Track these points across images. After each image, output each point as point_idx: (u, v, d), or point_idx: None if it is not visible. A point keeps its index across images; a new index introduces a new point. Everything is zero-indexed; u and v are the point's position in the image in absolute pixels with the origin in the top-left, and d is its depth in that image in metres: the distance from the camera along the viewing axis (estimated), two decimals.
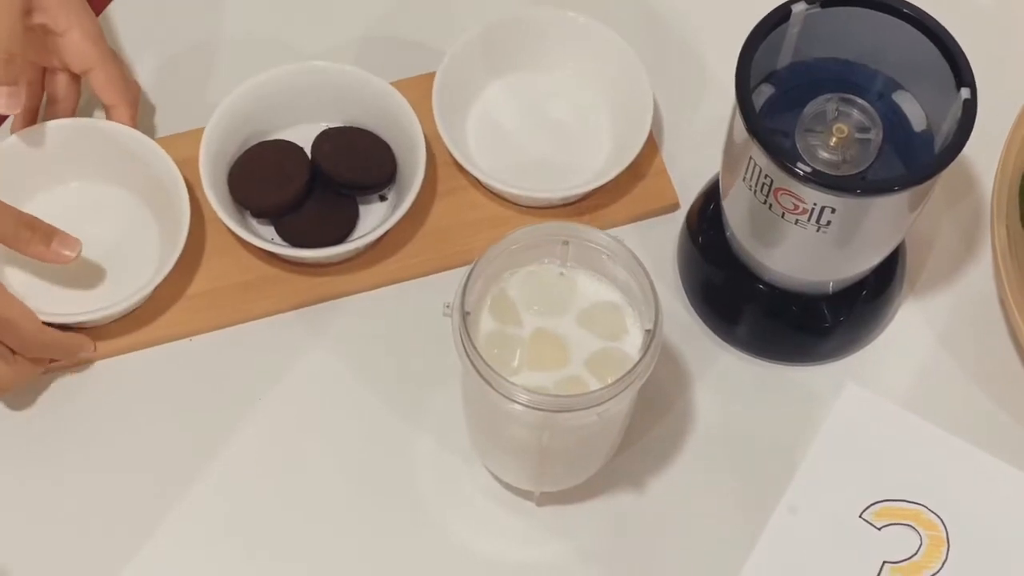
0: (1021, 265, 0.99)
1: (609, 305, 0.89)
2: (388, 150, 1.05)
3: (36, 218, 0.96)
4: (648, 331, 0.86)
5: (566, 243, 0.88)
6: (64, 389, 1.00)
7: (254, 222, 1.04)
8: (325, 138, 1.05)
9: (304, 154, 1.04)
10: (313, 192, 0.96)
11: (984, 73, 0.91)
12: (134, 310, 1.01)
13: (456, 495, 0.98)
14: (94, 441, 0.99)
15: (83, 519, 0.97)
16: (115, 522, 0.97)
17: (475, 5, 1.12)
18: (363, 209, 1.04)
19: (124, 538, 0.96)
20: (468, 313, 0.85)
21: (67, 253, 0.96)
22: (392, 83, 1.07)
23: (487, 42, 1.06)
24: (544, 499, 0.97)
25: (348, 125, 1.06)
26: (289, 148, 1.04)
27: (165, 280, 0.99)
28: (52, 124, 1.01)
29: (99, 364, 1.01)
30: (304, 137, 1.05)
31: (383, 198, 1.05)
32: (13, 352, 0.95)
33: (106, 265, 1.02)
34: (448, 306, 0.85)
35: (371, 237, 1.00)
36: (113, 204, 1.04)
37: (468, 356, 0.84)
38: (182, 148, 1.04)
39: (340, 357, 1.02)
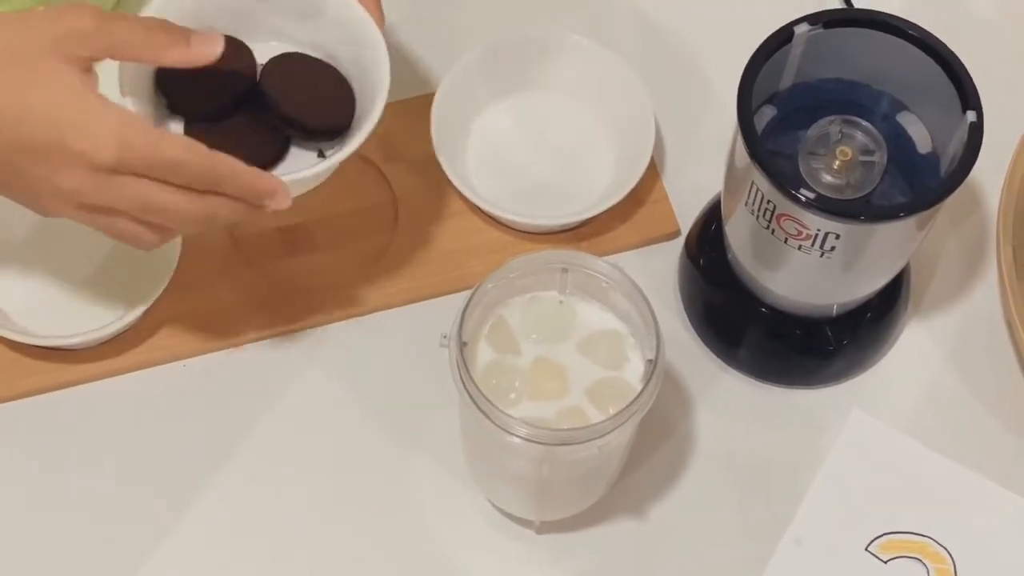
0: None
1: (609, 333, 0.88)
2: (349, 93, 0.92)
3: (169, 23, 0.83)
4: (650, 361, 0.85)
5: (565, 271, 0.87)
6: (54, 411, 0.99)
7: (171, 124, 0.91)
8: (278, 63, 0.92)
9: (251, 55, 0.91)
10: (245, 110, 0.87)
11: (989, 90, 0.90)
12: (124, 332, 0.99)
13: (455, 520, 0.97)
14: (84, 467, 0.98)
15: (74, 543, 0.96)
16: (106, 546, 0.96)
17: (476, 25, 1.11)
18: (294, 151, 0.93)
19: (116, 563, 0.95)
20: (466, 343, 0.84)
21: (212, 49, 0.83)
22: (389, 104, 1.06)
23: (487, 63, 1.05)
24: (544, 526, 0.96)
25: (307, 53, 0.93)
26: (234, 45, 0.90)
27: (156, 301, 0.97)
28: None
29: (91, 386, 1.00)
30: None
31: (321, 154, 0.92)
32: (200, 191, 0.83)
33: (96, 286, 1.01)
34: (446, 336, 0.84)
35: None
36: None
37: (466, 388, 0.83)
38: None
39: (336, 381, 1.00)
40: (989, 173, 1.03)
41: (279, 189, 0.84)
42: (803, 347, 1.01)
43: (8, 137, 0.78)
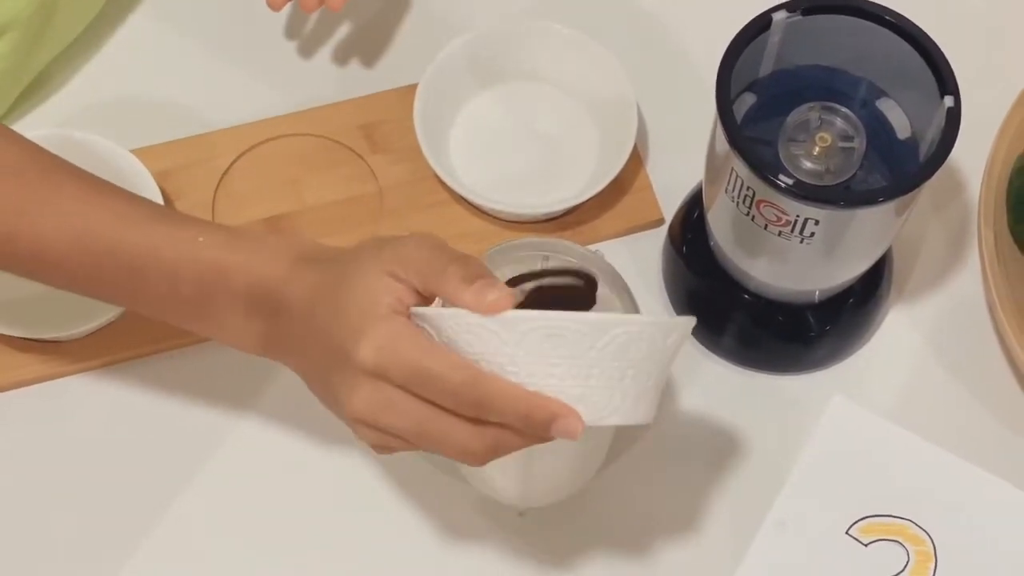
0: (1009, 271, 0.98)
1: None
2: None
3: (478, 264, 0.77)
4: None
5: (546, 258, 0.87)
6: (44, 402, 1.00)
7: None
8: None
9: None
10: None
11: (972, 74, 0.91)
12: (114, 322, 0.99)
13: (440, 509, 0.97)
14: (72, 458, 0.98)
15: (61, 534, 0.96)
16: (93, 536, 0.96)
17: (458, 16, 1.11)
18: None
19: (103, 552, 0.96)
20: None
21: (491, 301, 0.74)
22: (373, 95, 1.07)
23: (471, 54, 1.05)
24: (529, 513, 0.96)
25: None
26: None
27: None
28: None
29: (79, 377, 1.00)
30: None
31: None
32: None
33: None
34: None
35: None
36: None
37: None
38: (160, 160, 1.03)
39: None
40: (971, 158, 1.03)
41: (564, 413, 0.74)
42: (786, 333, 1.02)
43: (323, 331, 0.77)
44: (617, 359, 0.74)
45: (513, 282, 0.87)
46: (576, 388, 0.74)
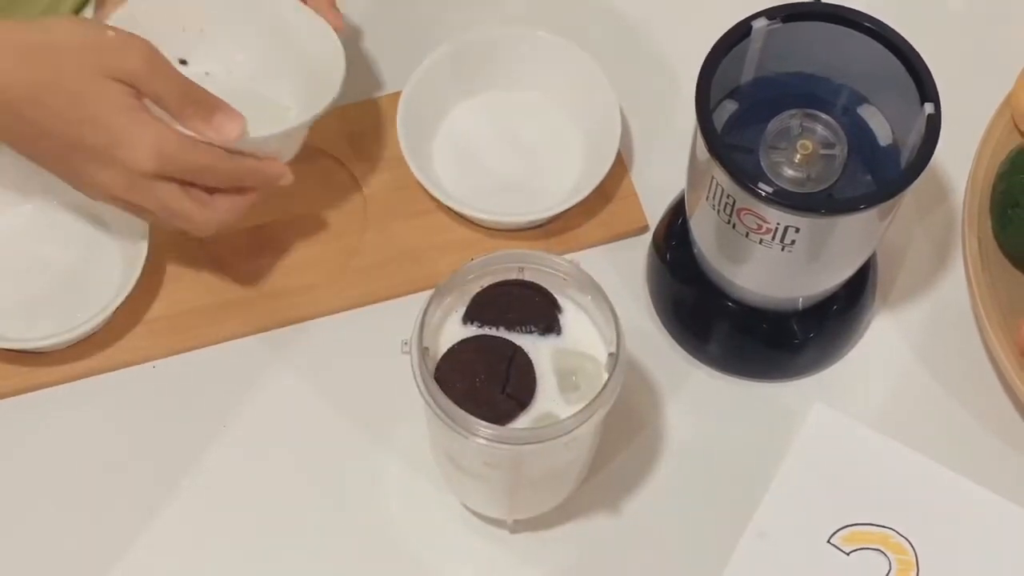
0: (994, 277, 0.98)
1: None
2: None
3: (203, 92, 0.90)
4: (611, 354, 0.85)
5: (522, 270, 0.87)
6: (24, 414, 1.00)
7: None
8: None
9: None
10: None
11: (956, 79, 0.90)
12: (93, 334, 1.00)
13: (428, 523, 0.97)
14: (54, 470, 0.98)
15: (44, 546, 0.96)
16: (76, 549, 0.96)
17: (443, 24, 1.11)
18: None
19: (86, 565, 0.96)
20: (427, 348, 0.84)
21: (232, 128, 0.91)
22: (357, 103, 1.07)
23: (455, 61, 1.05)
24: (518, 525, 0.96)
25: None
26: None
27: (125, 303, 0.98)
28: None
29: (60, 388, 1.00)
30: None
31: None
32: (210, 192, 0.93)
33: (64, 288, 1.01)
34: (407, 343, 0.84)
35: None
36: (71, 225, 1.03)
37: (430, 394, 0.83)
38: None
39: (304, 382, 1.01)
40: (955, 164, 1.03)
41: (286, 172, 0.95)
42: (770, 341, 1.01)
43: (69, 139, 0.87)
44: None
45: (491, 290, 0.87)
46: None
